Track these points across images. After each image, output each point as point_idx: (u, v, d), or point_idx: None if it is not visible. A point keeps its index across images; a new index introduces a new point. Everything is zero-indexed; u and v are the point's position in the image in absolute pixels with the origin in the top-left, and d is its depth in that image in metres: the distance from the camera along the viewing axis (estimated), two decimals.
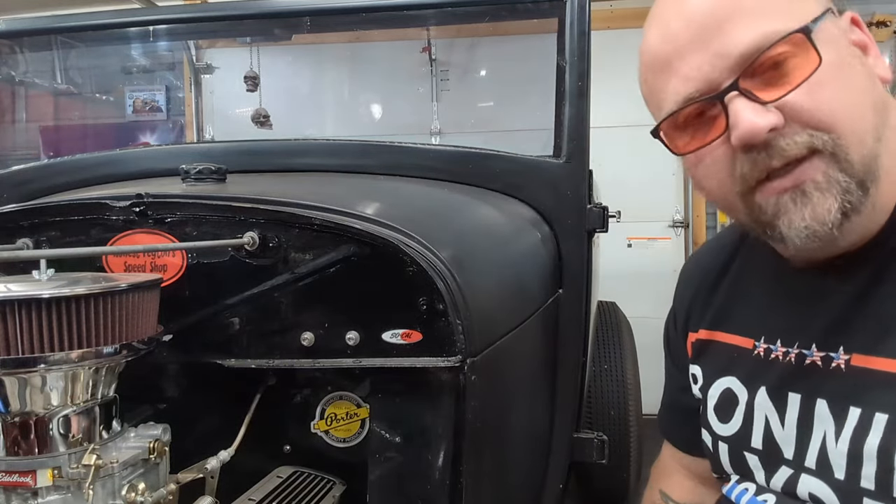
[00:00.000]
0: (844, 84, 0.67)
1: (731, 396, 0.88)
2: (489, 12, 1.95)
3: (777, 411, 0.81)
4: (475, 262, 1.22)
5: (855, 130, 0.67)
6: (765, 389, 0.84)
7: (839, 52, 0.68)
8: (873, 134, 0.68)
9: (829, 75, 0.66)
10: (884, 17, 4.49)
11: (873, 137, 0.68)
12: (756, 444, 0.85)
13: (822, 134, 0.67)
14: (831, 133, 0.67)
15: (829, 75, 0.66)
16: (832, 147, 0.67)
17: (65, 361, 0.85)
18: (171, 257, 1.09)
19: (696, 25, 0.69)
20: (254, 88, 4.40)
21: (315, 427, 1.27)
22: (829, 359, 0.75)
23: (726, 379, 0.90)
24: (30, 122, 5.10)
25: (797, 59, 0.67)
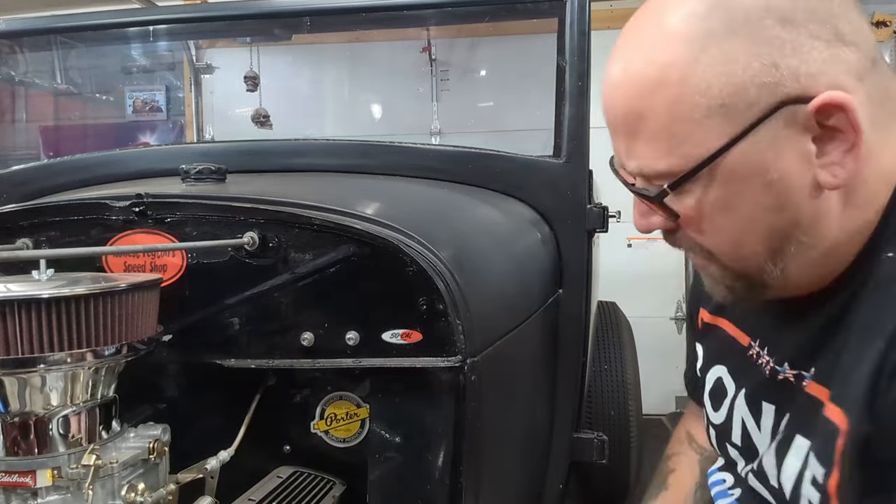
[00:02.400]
0: (724, 220, 0.67)
1: (721, 387, 0.89)
2: (489, 12, 1.95)
3: (753, 416, 0.81)
4: (475, 262, 1.22)
5: (738, 251, 0.68)
6: (744, 393, 0.84)
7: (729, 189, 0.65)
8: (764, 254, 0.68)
9: (707, 214, 0.67)
10: (884, 17, 4.49)
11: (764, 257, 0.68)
12: (736, 440, 0.86)
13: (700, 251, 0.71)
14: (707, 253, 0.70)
15: (707, 214, 0.67)
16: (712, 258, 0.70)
17: (64, 361, 0.85)
18: (170, 257, 1.09)
19: (612, 116, 0.70)
20: (254, 88, 4.40)
21: (315, 427, 1.27)
22: (800, 377, 0.74)
23: (720, 367, 0.90)
24: (30, 122, 5.10)
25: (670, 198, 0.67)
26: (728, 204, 0.66)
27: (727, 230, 0.68)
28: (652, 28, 0.66)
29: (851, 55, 0.62)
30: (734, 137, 0.62)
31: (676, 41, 0.63)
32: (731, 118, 0.62)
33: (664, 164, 0.66)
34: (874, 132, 0.63)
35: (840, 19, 0.62)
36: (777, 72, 0.61)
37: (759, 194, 0.64)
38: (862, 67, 0.63)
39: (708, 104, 0.62)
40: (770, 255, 0.68)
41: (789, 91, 0.61)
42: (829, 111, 0.61)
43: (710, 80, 0.62)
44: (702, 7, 0.62)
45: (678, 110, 0.63)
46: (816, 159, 0.63)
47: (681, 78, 0.62)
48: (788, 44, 0.61)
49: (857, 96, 0.62)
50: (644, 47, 0.65)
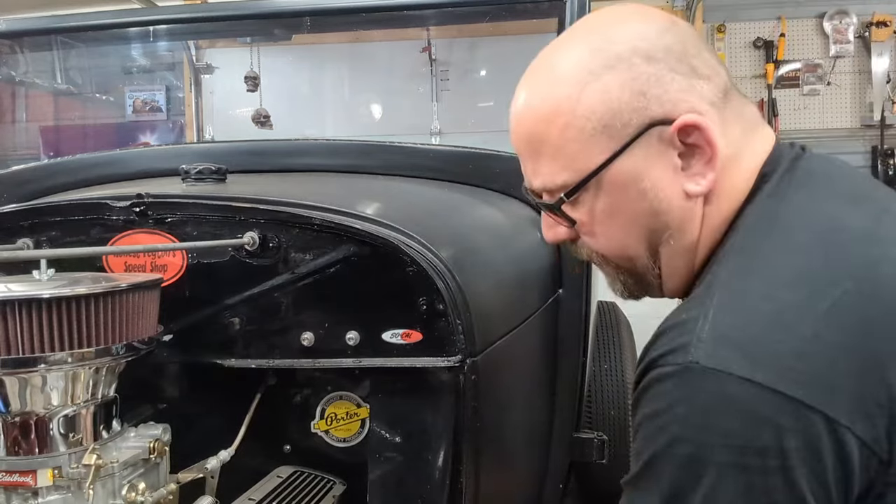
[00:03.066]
0: (611, 225, 0.79)
1: None
2: (489, 12, 1.95)
3: None
4: (475, 262, 1.23)
5: (622, 257, 0.82)
6: None
7: (613, 197, 0.77)
8: (644, 255, 0.80)
9: (597, 220, 0.79)
10: (884, 17, 4.49)
11: (645, 258, 0.80)
12: None
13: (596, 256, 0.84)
14: (601, 257, 0.84)
15: (597, 220, 0.79)
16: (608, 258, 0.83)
17: (65, 361, 0.85)
18: (171, 257, 1.10)
19: (516, 141, 0.82)
20: (254, 88, 4.40)
21: (315, 427, 1.27)
22: None
23: None
24: (30, 122, 5.11)
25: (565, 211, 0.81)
26: (613, 210, 0.78)
27: (613, 233, 0.80)
28: (546, 72, 0.79)
29: (706, 86, 0.75)
30: (615, 152, 0.75)
31: (565, 81, 0.76)
32: (612, 137, 0.75)
33: (562, 179, 0.78)
34: (728, 149, 0.75)
35: (694, 58, 0.75)
36: (644, 98, 0.74)
37: (637, 200, 0.77)
38: (714, 95, 0.76)
39: (593, 126, 0.75)
40: (650, 254, 0.80)
41: (655, 114, 0.74)
42: (689, 130, 0.74)
43: (593, 106, 0.75)
44: (585, 54, 0.76)
45: (569, 133, 0.76)
46: (682, 171, 0.76)
47: (571, 108, 0.76)
48: (653, 76, 0.74)
49: (711, 118, 0.74)
50: (541, 86, 0.79)
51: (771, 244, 0.70)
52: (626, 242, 0.80)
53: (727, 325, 0.64)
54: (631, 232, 0.79)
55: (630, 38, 0.75)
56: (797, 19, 4.64)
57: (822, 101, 4.65)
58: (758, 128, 0.80)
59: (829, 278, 0.65)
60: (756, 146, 0.78)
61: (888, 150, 4.52)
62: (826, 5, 4.58)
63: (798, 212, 0.72)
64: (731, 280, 0.69)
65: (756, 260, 0.70)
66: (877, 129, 4.54)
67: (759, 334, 0.63)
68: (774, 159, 0.77)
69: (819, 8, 4.60)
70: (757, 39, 4.65)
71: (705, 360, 0.62)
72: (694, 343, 0.64)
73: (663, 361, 0.65)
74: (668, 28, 0.77)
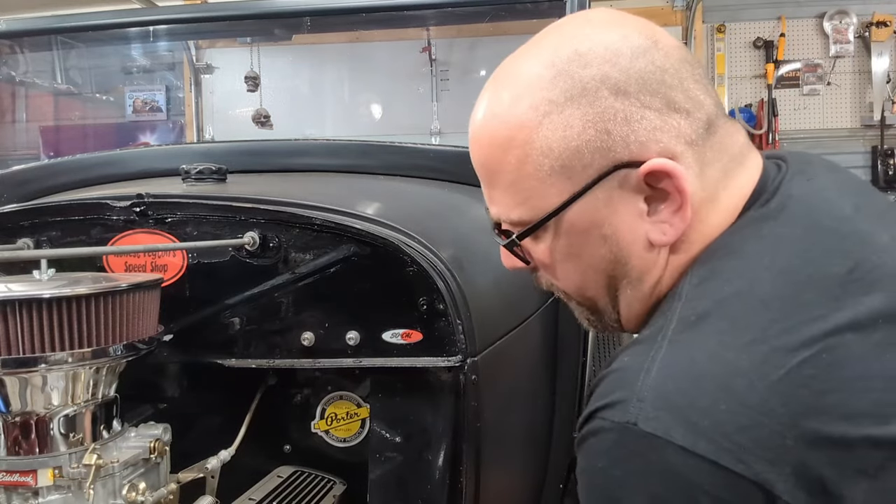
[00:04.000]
0: (568, 267, 0.75)
1: None
2: (489, 12, 1.95)
3: None
4: (475, 262, 1.23)
5: (583, 293, 0.77)
6: None
7: (571, 239, 0.72)
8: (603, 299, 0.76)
9: (555, 260, 0.74)
10: (884, 17, 4.49)
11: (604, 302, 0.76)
12: None
13: (559, 289, 0.79)
14: (560, 292, 0.79)
15: (555, 260, 0.74)
16: (570, 295, 0.79)
17: (66, 361, 0.85)
18: (171, 257, 1.10)
19: (475, 165, 0.76)
20: (254, 88, 4.41)
21: (315, 427, 1.27)
22: None
23: None
24: (30, 122, 5.10)
25: (527, 241, 0.75)
26: (571, 252, 0.73)
27: (572, 275, 0.75)
28: (507, 89, 0.72)
29: (682, 122, 0.68)
30: (573, 195, 0.69)
31: (524, 105, 0.69)
32: (571, 177, 0.69)
33: (516, 214, 0.73)
34: (703, 193, 0.69)
35: (672, 89, 0.68)
36: (609, 138, 0.67)
37: (597, 246, 0.71)
38: (693, 132, 0.68)
39: (550, 164, 0.68)
40: (609, 298, 0.75)
41: (620, 156, 0.67)
42: (658, 176, 0.67)
43: (551, 142, 0.68)
44: (548, 75, 0.69)
45: (525, 168, 0.70)
46: (648, 217, 0.69)
47: (526, 139, 0.69)
48: (620, 113, 0.66)
49: (686, 161, 0.67)
50: (499, 105, 0.72)
51: (732, 294, 0.63)
52: (585, 284, 0.75)
53: (670, 387, 0.59)
54: (588, 276, 0.74)
55: (600, 61, 0.67)
56: (797, 19, 4.64)
57: (822, 101, 4.64)
58: (745, 160, 0.72)
59: (787, 344, 0.59)
60: (739, 182, 0.71)
61: (888, 150, 4.52)
62: (826, 5, 4.58)
63: (769, 256, 0.65)
64: (682, 331, 0.63)
65: (712, 310, 0.63)
66: (877, 129, 4.54)
67: (704, 401, 0.58)
68: (757, 193, 0.70)
69: (819, 8, 4.59)
70: (757, 39, 4.65)
71: (644, 422, 0.58)
72: (633, 402, 0.59)
73: (602, 415, 0.61)
74: (647, 50, 0.68)
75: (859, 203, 0.71)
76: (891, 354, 0.59)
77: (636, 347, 0.65)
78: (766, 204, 0.69)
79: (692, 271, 0.68)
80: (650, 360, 0.61)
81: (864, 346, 0.59)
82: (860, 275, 0.63)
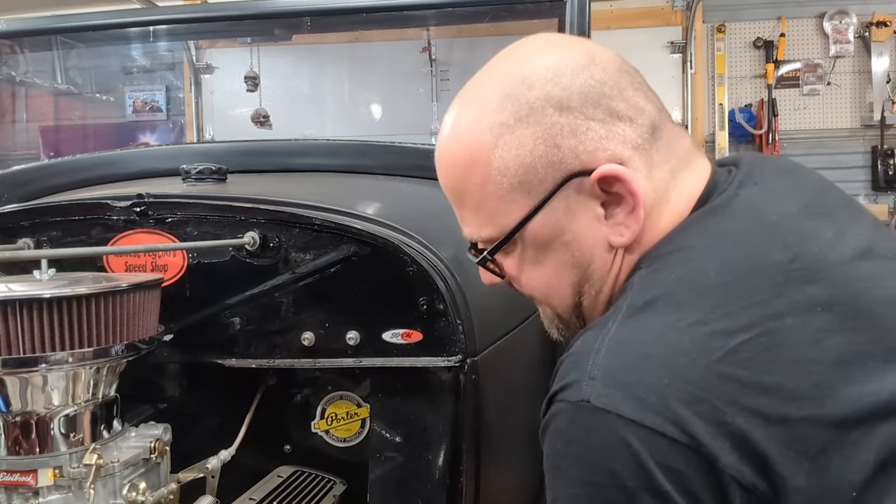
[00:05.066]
0: (537, 276, 0.79)
1: None
2: (489, 12, 1.95)
3: None
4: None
5: (551, 300, 0.81)
6: None
7: (537, 250, 0.76)
8: (570, 305, 0.80)
9: (525, 270, 0.79)
10: (884, 17, 4.49)
11: (570, 307, 0.80)
12: None
13: (531, 299, 0.83)
14: (536, 301, 0.83)
15: (525, 270, 0.79)
16: (542, 301, 0.83)
17: (66, 361, 0.85)
18: (171, 257, 1.10)
19: (444, 189, 0.80)
20: (254, 88, 4.41)
21: (315, 427, 1.27)
22: None
23: None
24: (30, 122, 5.11)
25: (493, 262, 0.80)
26: (537, 262, 0.77)
27: (540, 284, 0.79)
28: (466, 111, 0.76)
29: (627, 129, 0.72)
30: (534, 208, 0.73)
31: (480, 130, 0.74)
32: (529, 192, 0.73)
33: (486, 233, 0.77)
34: (654, 194, 0.73)
35: (613, 100, 0.72)
36: (559, 151, 0.71)
37: (560, 253, 0.76)
38: (638, 137, 0.72)
39: (509, 182, 0.73)
40: (574, 306, 0.79)
41: (571, 167, 0.71)
42: (610, 181, 0.71)
43: (507, 162, 0.73)
44: (497, 99, 0.73)
45: (487, 189, 0.74)
46: (605, 221, 0.74)
47: (486, 160, 0.73)
48: (566, 126, 0.71)
49: (634, 164, 0.71)
50: (460, 128, 0.76)
51: (677, 281, 0.67)
52: (551, 293, 0.80)
53: (619, 365, 0.63)
54: (554, 283, 0.78)
55: (543, 82, 0.72)
56: (797, 19, 4.64)
57: (822, 101, 4.65)
58: (692, 162, 0.77)
59: (728, 327, 0.62)
60: (687, 184, 0.75)
61: (888, 150, 4.52)
62: (826, 5, 4.58)
63: (714, 248, 0.69)
64: (630, 315, 0.67)
65: (659, 296, 0.67)
66: (877, 129, 4.54)
67: (650, 377, 0.61)
68: (706, 195, 0.74)
69: (819, 8, 4.60)
70: (757, 39, 4.66)
71: (596, 399, 0.61)
72: (586, 380, 0.63)
73: (559, 397, 0.65)
74: (584, 67, 0.72)
75: (808, 202, 0.75)
76: (829, 341, 0.62)
77: (588, 332, 0.69)
78: (712, 204, 0.73)
79: (642, 264, 0.73)
80: (600, 341, 0.65)
81: (803, 331, 0.63)
82: (801, 265, 0.66)
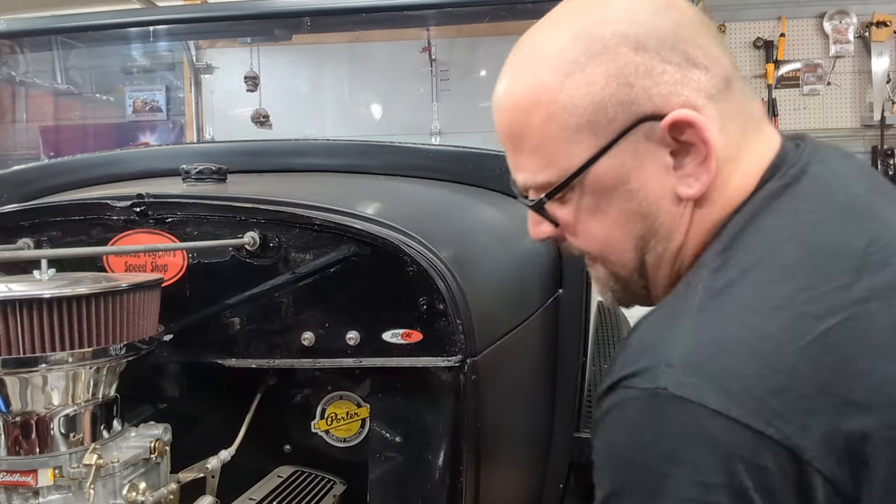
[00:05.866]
0: (596, 227, 0.74)
1: None
2: (489, 12, 1.95)
3: None
4: (475, 262, 1.23)
5: (609, 255, 0.76)
6: None
7: (599, 197, 0.72)
8: (631, 261, 0.75)
9: (583, 220, 0.75)
10: (884, 17, 4.49)
11: (632, 264, 0.75)
12: None
13: (584, 255, 0.79)
14: (590, 258, 0.79)
15: (583, 220, 0.75)
16: (595, 262, 0.79)
17: (66, 361, 0.85)
18: (171, 257, 1.10)
19: (500, 135, 0.77)
20: (254, 88, 4.40)
21: (315, 427, 1.27)
22: None
23: None
24: (30, 122, 5.10)
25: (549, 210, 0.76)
26: (598, 210, 0.73)
27: (598, 235, 0.75)
28: (527, 58, 0.74)
29: (703, 77, 0.69)
30: (599, 150, 0.70)
31: (546, 69, 0.71)
32: (596, 133, 0.70)
33: (543, 177, 0.73)
34: (725, 150, 0.69)
35: (690, 45, 0.69)
36: (632, 91, 0.68)
37: (624, 201, 0.72)
38: (713, 87, 0.69)
39: (576, 122, 0.70)
40: (636, 260, 0.75)
41: (643, 109, 0.68)
42: (681, 127, 0.68)
43: (575, 100, 0.69)
44: (567, 38, 0.71)
45: (550, 129, 0.71)
46: (674, 171, 0.70)
47: (551, 100, 0.70)
48: (641, 67, 0.68)
49: (708, 113, 0.68)
50: (521, 73, 0.73)
51: (756, 263, 0.64)
52: (611, 246, 0.75)
53: (700, 352, 0.59)
54: (616, 235, 0.74)
55: (618, 20, 0.69)
56: (797, 19, 4.64)
57: (822, 101, 4.64)
58: (762, 127, 0.74)
59: (814, 311, 0.60)
60: (757, 148, 0.72)
61: (888, 150, 4.52)
62: (826, 5, 4.58)
63: (790, 229, 0.66)
64: (708, 299, 0.63)
65: (738, 279, 0.64)
66: (877, 129, 4.54)
67: (735, 366, 0.58)
68: (776, 165, 0.71)
69: (819, 8, 4.59)
70: (757, 39, 4.65)
71: (675, 387, 0.58)
72: (663, 368, 0.59)
73: (628, 384, 0.61)
74: (663, 9, 0.70)
75: (871, 185, 0.72)
76: None
77: (657, 317, 0.66)
78: (784, 177, 0.70)
79: (715, 242, 0.69)
80: (676, 328, 0.62)
81: (887, 315, 0.60)
82: (876, 249, 0.64)
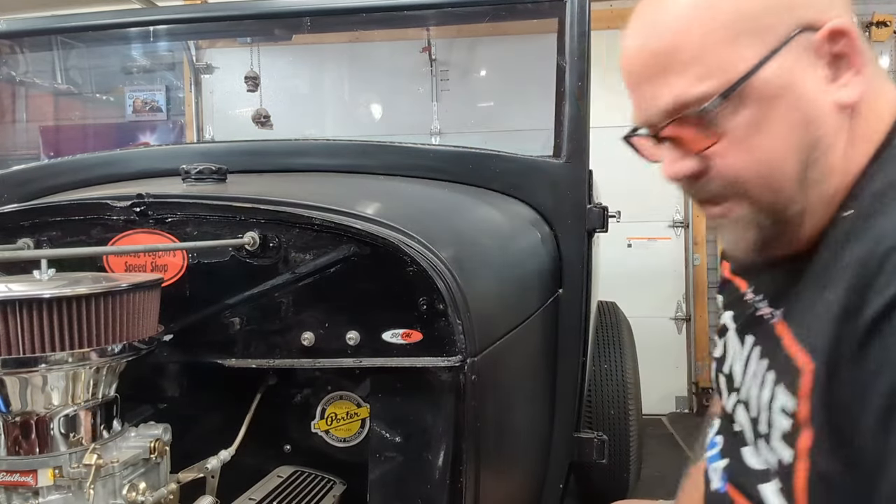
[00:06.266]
0: (757, 142, 0.72)
1: (724, 328, 0.97)
2: (489, 12, 1.95)
3: (739, 347, 0.89)
4: (475, 262, 1.23)
5: (766, 183, 0.73)
6: (734, 327, 0.92)
7: (761, 108, 0.71)
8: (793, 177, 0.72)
9: (743, 135, 0.72)
10: (884, 17, 4.49)
11: (794, 180, 0.72)
12: (725, 369, 0.93)
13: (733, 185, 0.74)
14: (741, 186, 0.74)
15: (743, 135, 0.72)
16: (745, 193, 0.74)
17: (66, 361, 0.85)
18: (171, 257, 1.10)
19: (640, 65, 0.75)
20: (254, 88, 4.40)
21: (315, 427, 1.27)
22: (771, 315, 0.81)
23: (727, 314, 0.97)
24: (30, 122, 5.10)
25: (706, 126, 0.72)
26: (760, 123, 0.71)
27: (761, 150, 0.72)
28: None
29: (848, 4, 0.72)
30: (764, 57, 0.69)
31: None
32: (759, 39, 0.70)
33: (700, 90, 0.71)
34: (871, 63, 0.72)
35: None
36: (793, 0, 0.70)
37: (788, 112, 0.70)
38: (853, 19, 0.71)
39: (742, 26, 0.70)
40: (799, 175, 0.72)
41: (805, 16, 0.70)
42: (837, 37, 0.70)
43: (737, 6, 0.70)
44: None
45: (714, 37, 0.70)
46: (832, 82, 0.71)
47: (710, 5, 0.70)
48: None
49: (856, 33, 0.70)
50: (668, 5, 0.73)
51: None
52: (774, 162, 0.72)
53: None
54: (779, 148, 0.71)
55: None
56: None
57: None
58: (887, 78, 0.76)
59: None
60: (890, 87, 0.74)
61: None
62: None
63: None
64: None
65: None
66: None
67: None
68: None
69: None
70: None
71: None
72: None
73: None
74: None
75: None
76: None
77: None
78: None
79: None
80: None
81: None
82: None
